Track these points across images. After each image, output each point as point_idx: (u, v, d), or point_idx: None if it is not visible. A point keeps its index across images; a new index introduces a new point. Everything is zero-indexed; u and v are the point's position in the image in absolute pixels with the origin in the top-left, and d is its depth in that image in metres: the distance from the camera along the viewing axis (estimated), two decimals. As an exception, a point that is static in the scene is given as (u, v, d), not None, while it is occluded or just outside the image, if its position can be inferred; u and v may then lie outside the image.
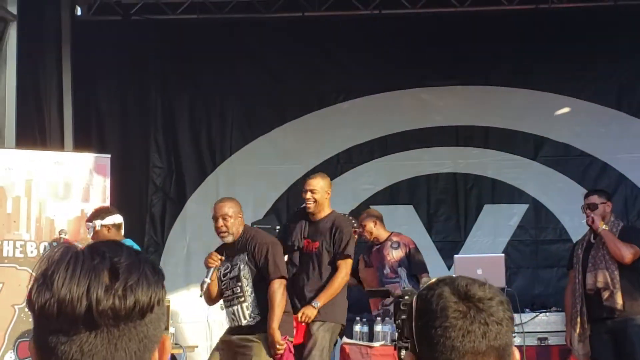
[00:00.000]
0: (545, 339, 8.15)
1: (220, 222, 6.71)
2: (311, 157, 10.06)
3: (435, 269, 9.01)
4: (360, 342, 8.01)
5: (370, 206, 9.88)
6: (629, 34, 9.54)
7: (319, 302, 6.98)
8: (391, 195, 9.96)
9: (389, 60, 9.95)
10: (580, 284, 7.35)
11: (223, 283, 6.70)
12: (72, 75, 9.63)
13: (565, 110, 9.84)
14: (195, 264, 9.91)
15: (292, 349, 6.58)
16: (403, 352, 5.11)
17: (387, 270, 8.52)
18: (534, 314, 8.48)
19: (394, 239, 8.67)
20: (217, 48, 10.12)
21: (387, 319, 7.86)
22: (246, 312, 6.51)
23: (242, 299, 6.56)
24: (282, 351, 6.40)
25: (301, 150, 10.10)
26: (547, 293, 9.49)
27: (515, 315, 6.84)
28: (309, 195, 7.21)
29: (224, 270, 6.73)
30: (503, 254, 8.52)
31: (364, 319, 8.40)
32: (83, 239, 7.74)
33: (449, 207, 9.97)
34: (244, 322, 6.50)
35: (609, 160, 9.63)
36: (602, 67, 9.73)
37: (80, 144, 9.50)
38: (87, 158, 8.37)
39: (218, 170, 10.13)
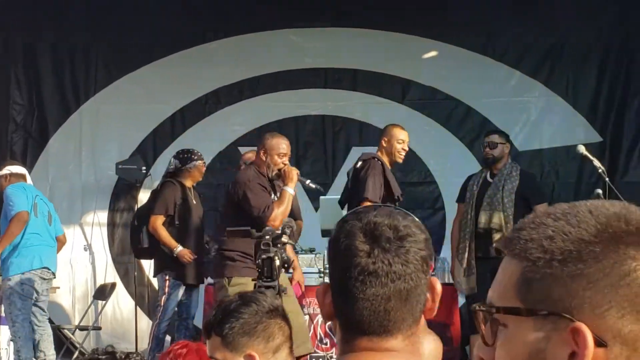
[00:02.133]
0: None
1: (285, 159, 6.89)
2: (178, 97, 9.92)
3: (303, 210, 9.03)
4: (226, 283, 7.98)
5: (239, 147, 9.85)
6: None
7: None
8: (260, 136, 9.86)
9: (259, 0, 9.84)
10: (472, 220, 7.49)
11: None
12: None
13: (433, 53, 9.93)
14: (58, 204, 9.68)
15: None
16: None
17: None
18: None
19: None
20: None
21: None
22: None
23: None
24: None
25: (168, 90, 9.93)
26: (412, 234, 9.64)
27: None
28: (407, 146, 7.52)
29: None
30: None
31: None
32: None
33: (317, 149, 9.99)
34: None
35: (473, 104, 9.79)
36: (469, 12, 9.83)
37: None
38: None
39: (82, 108, 9.88)
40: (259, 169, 6.79)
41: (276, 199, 6.73)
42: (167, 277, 8.05)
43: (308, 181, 7.16)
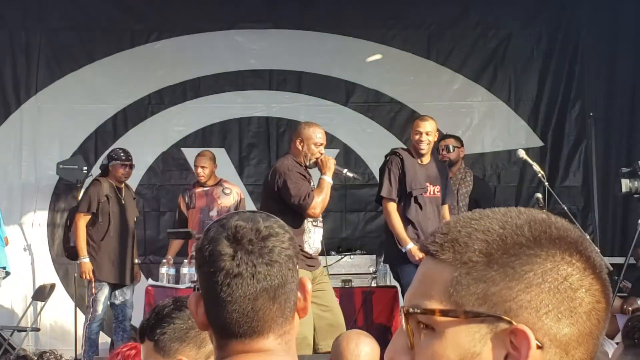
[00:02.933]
0: (350, 280, 8.31)
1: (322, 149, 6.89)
2: (121, 97, 9.83)
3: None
4: (167, 284, 7.96)
5: (182, 148, 9.80)
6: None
7: None
8: (203, 137, 9.86)
9: (203, 0, 9.79)
10: None
11: None
12: None
13: (377, 57, 9.97)
14: (-4, 203, 9.59)
15: None
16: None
17: (214, 213, 8.53)
18: (339, 257, 8.61)
19: (226, 185, 8.74)
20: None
21: (193, 261, 7.83)
22: None
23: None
24: None
25: (111, 89, 9.84)
26: (355, 236, 9.70)
27: (321, 258, 6.99)
28: (424, 137, 7.26)
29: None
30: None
31: (172, 261, 8.38)
32: None
33: (261, 150, 9.97)
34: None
35: (417, 108, 9.83)
36: (413, 15, 9.89)
37: None
38: None
39: (22, 108, 9.75)
40: (296, 159, 6.77)
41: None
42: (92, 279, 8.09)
43: (345, 170, 7.21)
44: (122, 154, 8.45)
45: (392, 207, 7.21)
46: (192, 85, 9.90)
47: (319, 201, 6.62)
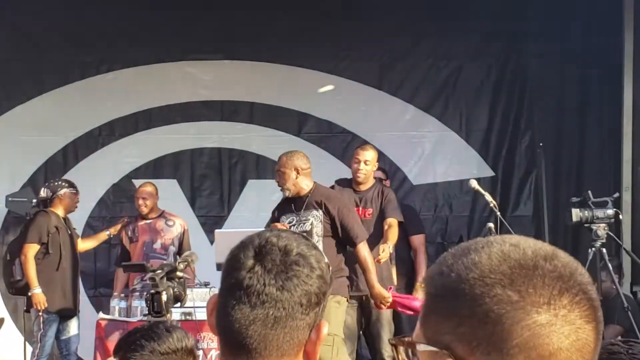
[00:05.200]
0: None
1: (276, 177, 6.89)
2: (71, 129, 9.76)
3: (198, 243, 8.98)
4: (118, 318, 7.88)
5: (133, 180, 9.73)
6: (392, 16, 9.78)
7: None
8: (155, 169, 9.81)
9: (155, 31, 9.77)
10: None
11: None
12: None
13: (329, 87, 10.00)
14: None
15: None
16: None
17: (157, 245, 8.49)
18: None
19: (168, 216, 8.71)
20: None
21: (145, 294, 7.76)
22: None
23: None
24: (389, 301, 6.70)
25: (61, 121, 9.76)
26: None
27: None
28: (362, 166, 7.46)
29: (288, 222, 6.69)
30: (264, 229, 8.56)
31: (122, 294, 8.31)
32: None
33: (213, 181, 9.93)
34: None
35: (369, 138, 9.85)
36: (364, 46, 9.95)
37: None
38: None
39: (-29, 140, 9.64)
40: None
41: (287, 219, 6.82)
42: (40, 313, 7.98)
43: None
44: (71, 182, 8.44)
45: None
46: (143, 116, 9.85)
47: None
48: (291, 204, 6.79)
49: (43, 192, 8.42)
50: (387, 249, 7.02)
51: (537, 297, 1.09)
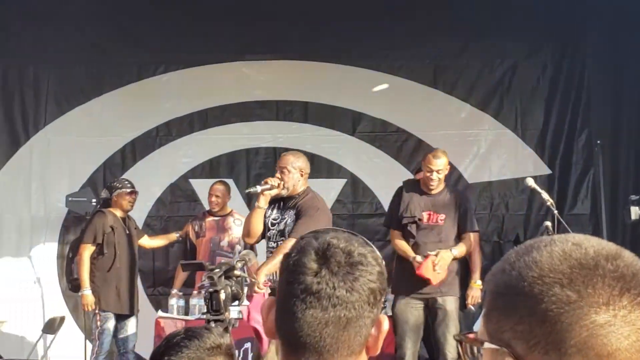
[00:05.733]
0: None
1: (278, 174, 6.71)
2: (129, 129, 9.89)
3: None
4: (177, 316, 7.95)
5: (190, 180, 9.83)
6: (446, 14, 9.76)
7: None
8: (211, 168, 9.90)
9: (210, 32, 9.85)
10: None
11: (270, 231, 6.67)
12: None
13: (384, 86, 10.00)
14: (6, 238, 9.63)
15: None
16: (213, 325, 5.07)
17: (224, 243, 8.55)
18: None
19: (236, 216, 8.78)
20: (33, 16, 9.76)
21: (202, 292, 7.83)
22: None
23: None
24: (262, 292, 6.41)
25: (119, 122, 9.89)
26: (363, 266, 9.66)
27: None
28: (435, 175, 7.33)
29: (273, 220, 6.68)
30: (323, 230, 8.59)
31: (181, 292, 8.39)
32: None
33: (269, 181, 9.97)
34: None
35: (423, 137, 9.86)
36: (419, 45, 9.92)
37: None
38: None
39: (32, 141, 9.81)
40: None
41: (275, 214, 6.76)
42: (97, 311, 8.08)
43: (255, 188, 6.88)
44: (126, 182, 8.51)
45: (395, 233, 7.53)
46: (199, 116, 9.95)
47: (243, 229, 6.75)
48: (280, 201, 6.75)
49: (103, 193, 8.57)
50: (441, 256, 7.11)
51: (597, 297, 1.09)
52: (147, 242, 8.81)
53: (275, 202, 6.78)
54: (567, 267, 1.11)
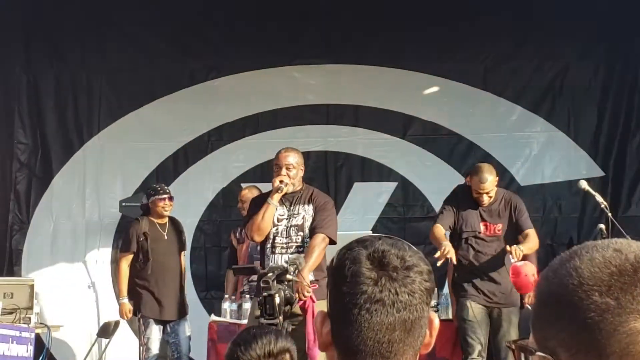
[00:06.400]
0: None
1: (284, 171, 6.62)
2: (181, 134, 9.97)
3: (306, 246, 9.05)
4: (230, 320, 7.99)
5: (242, 184, 9.87)
6: (496, 16, 9.72)
7: None
8: (262, 173, 9.92)
9: (260, 37, 9.90)
10: None
11: (276, 227, 6.61)
12: None
13: (434, 89, 9.98)
14: (61, 243, 9.75)
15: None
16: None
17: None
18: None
19: None
20: (84, 23, 9.89)
21: (247, 296, 7.88)
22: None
23: (302, 250, 6.49)
24: (309, 295, 6.26)
25: (171, 127, 9.98)
26: (415, 269, 9.64)
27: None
28: (485, 197, 7.28)
29: (280, 215, 6.64)
30: (370, 232, 8.61)
31: (233, 297, 8.43)
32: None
33: (319, 185, 9.92)
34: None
35: (475, 139, 9.83)
36: (469, 47, 9.89)
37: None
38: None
39: (85, 147, 9.93)
40: None
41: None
42: (139, 317, 8.17)
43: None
44: (157, 188, 8.53)
45: (437, 226, 7.32)
46: (250, 121, 10.00)
47: (250, 225, 6.57)
48: (281, 198, 6.66)
49: (143, 199, 8.64)
50: (516, 250, 6.94)
51: (636, 305, 1.09)
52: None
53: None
54: (606, 274, 1.12)
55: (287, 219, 6.66)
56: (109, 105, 9.98)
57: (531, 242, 7.18)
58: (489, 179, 7.25)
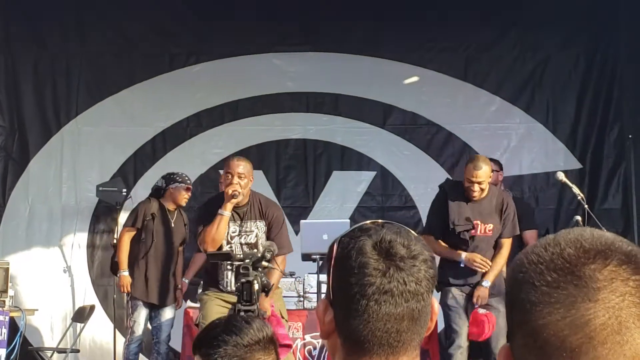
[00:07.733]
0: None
1: (236, 180, 6.49)
2: (160, 120, 9.93)
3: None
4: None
5: (220, 171, 9.84)
6: (477, 6, 9.73)
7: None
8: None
9: (240, 24, 9.87)
10: None
11: (230, 245, 6.54)
12: None
13: (414, 79, 9.99)
14: (37, 226, 9.70)
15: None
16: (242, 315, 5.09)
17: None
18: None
19: None
20: (64, 6, 9.83)
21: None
22: None
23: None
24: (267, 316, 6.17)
25: (150, 112, 9.94)
26: (392, 259, 9.65)
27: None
28: (476, 187, 7.03)
29: (232, 232, 6.56)
30: (349, 220, 8.58)
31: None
32: None
33: (298, 173, 10.00)
34: None
35: (453, 130, 9.85)
36: (450, 38, 9.90)
37: None
38: None
39: (63, 130, 9.87)
40: None
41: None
42: (128, 298, 8.14)
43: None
44: (186, 178, 8.41)
45: (431, 238, 7.08)
46: (230, 108, 9.97)
47: (204, 236, 6.44)
48: (232, 211, 6.54)
49: (158, 181, 8.51)
50: (478, 298, 7.02)
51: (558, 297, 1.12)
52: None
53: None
54: (541, 268, 1.13)
55: (238, 235, 6.59)
56: (88, 89, 9.92)
57: (499, 262, 7.12)
58: (483, 168, 7.01)
